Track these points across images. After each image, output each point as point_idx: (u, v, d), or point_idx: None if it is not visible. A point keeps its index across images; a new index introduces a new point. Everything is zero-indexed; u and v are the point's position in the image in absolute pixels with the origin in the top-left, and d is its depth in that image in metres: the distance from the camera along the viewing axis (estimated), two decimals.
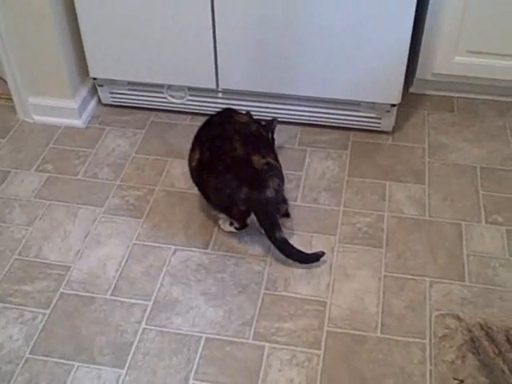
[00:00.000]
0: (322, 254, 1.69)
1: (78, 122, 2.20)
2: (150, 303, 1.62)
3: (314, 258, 1.70)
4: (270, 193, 1.64)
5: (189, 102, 2.20)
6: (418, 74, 2.21)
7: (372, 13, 1.82)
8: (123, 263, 1.72)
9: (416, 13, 1.82)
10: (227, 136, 1.70)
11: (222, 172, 1.65)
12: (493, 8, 1.97)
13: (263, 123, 1.90)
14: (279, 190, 1.69)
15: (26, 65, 2.10)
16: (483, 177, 1.96)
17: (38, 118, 2.23)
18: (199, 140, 1.76)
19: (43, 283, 1.67)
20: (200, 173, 1.72)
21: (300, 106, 2.12)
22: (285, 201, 1.79)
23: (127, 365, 1.49)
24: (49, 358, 1.50)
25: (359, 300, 1.62)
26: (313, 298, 1.63)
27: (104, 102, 2.27)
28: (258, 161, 1.66)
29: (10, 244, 1.78)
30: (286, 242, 1.67)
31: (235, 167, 1.64)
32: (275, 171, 1.69)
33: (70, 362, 1.49)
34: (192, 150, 1.76)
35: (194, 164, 1.73)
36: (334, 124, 2.14)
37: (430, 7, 2.02)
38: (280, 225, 1.67)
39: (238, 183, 1.62)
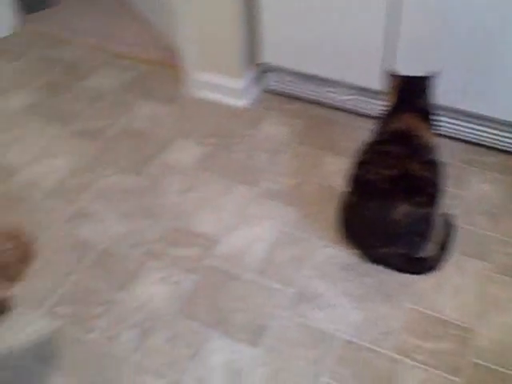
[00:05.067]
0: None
1: (241, 103, 2.24)
2: (293, 292, 1.61)
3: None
4: None
5: (352, 101, 2.18)
6: None
7: None
8: (271, 247, 1.73)
9: None
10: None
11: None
12: None
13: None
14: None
15: (201, 41, 2.16)
16: None
17: (202, 93, 2.28)
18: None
19: (192, 251, 1.71)
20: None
21: (470, 123, 2.03)
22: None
23: (261, 346, 1.49)
24: (191, 322, 1.54)
25: (511, 336, 1.52)
26: (459, 322, 1.55)
27: (268, 87, 2.29)
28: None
29: (165, 209, 1.84)
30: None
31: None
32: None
33: (209, 331, 1.52)
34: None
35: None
36: (501, 147, 2.03)
37: None
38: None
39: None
